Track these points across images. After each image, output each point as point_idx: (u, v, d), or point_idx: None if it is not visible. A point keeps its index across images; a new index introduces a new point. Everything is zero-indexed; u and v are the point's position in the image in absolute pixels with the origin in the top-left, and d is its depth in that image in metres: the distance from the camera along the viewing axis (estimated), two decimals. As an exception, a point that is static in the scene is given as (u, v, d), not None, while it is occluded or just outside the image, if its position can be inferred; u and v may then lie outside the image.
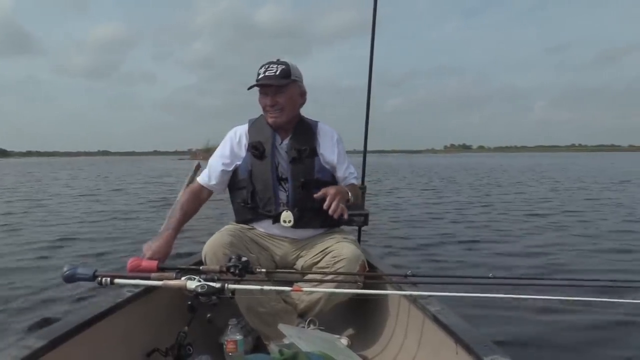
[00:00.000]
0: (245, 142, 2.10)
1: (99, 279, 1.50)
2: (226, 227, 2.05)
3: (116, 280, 1.50)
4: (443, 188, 14.08)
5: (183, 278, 1.47)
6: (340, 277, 1.86)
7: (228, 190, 2.17)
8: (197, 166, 2.53)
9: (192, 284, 1.43)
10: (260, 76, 2.00)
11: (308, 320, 1.94)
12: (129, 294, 1.63)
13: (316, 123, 2.18)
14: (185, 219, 2.03)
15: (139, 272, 1.62)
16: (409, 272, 1.67)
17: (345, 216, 1.92)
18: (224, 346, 1.85)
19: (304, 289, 1.69)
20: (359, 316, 2.16)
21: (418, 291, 1.68)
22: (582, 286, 1.85)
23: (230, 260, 1.58)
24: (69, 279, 1.52)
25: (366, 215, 2.67)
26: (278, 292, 1.92)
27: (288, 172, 2.03)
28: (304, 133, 2.11)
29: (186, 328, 1.53)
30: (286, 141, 2.08)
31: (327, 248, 1.98)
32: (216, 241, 1.91)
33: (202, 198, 2.12)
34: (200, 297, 1.42)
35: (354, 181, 2.18)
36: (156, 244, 1.89)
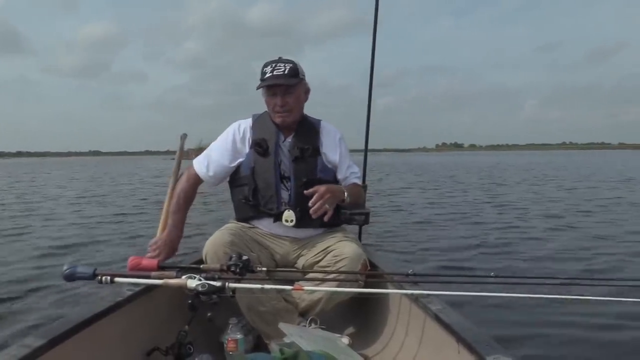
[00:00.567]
0: (248, 138, 2.08)
1: (99, 278, 1.49)
2: (227, 226, 2.04)
3: (116, 278, 1.49)
4: (446, 186, 13.97)
5: (183, 277, 1.47)
6: (341, 276, 1.86)
7: (229, 186, 2.16)
8: (184, 136, 2.51)
9: (193, 283, 1.42)
10: (267, 75, 1.98)
11: (309, 319, 1.93)
12: (129, 293, 1.63)
13: (319, 122, 2.17)
14: (187, 206, 2.09)
15: (139, 271, 1.61)
16: (411, 271, 1.66)
17: (325, 218, 1.90)
18: (225, 345, 1.85)
19: (305, 288, 1.69)
20: (360, 315, 2.15)
21: (419, 290, 1.67)
22: (584, 285, 1.84)
23: (231, 259, 1.58)
24: (69, 278, 1.51)
25: (367, 214, 2.65)
26: (279, 291, 1.91)
27: (290, 171, 2.02)
28: (307, 132, 2.10)
29: (187, 327, 1.53)
30: (289, 139, 2.07)
31: (329, 247, 1.97)
32: (217, 240, 1.90)
33: (197, 186, 2.14)
34: (200, 296, 1.42)
35: (356, 181, 2.17)
36: (165, 238, 1.98)
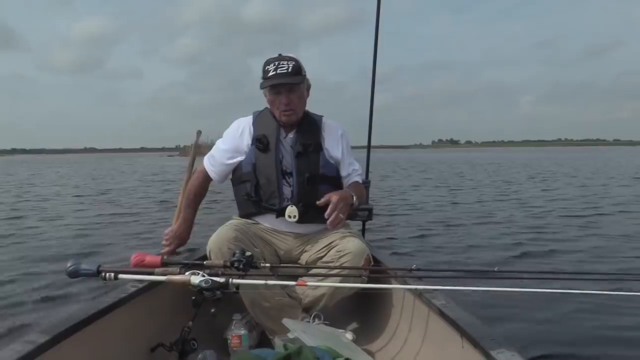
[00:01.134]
0: (249, 135, 2.09)
1: (103, 274, 1.49)
2: (230, 222, 2.04)
3: (120, 275, 1.50)
4: (458, 185, 13.73)
5: (187, 273, 1.47)
6: (345, 272, 1.85)
7: (231, 183, 2.17)
8: (199, 133, 2.57)
9: (196, 279, 1.43)
10: (270, 74, 1.97)
11: (313, 314, 1.93)
12: (133, 289, 1.63)
13: (321, 118, 2.17)
14: (197, 205, 2.21)
15: (143, 267, 1.62)
16: (414, 266, 1.66)
17: (340, 227, 1.94)
18: (229, 341, 1.85)
19: (309, 284, 1.69)
20: (364, 310, 2.15)
21: (423, 285, 1.67)
22: (589, 279, 1.84)
23: (234, 255, 1.57)
24: (73, 274, 1.52)
25: (370, 210, 2.66)
26: (282, 287, 1.91)
27: (293, 167, 2.02)
28: (309, 128, 2.10)
29: (190, 323, 1.53)
30: (291, 135, 2.07)
31: (332, 242, 1.97)
32: (220, 236, 1.90)
33: (209, 183, 2.22)
34: (204, 292, 1.42)
35: (358, 178, 2.16)
36: (176, 230, 2.14)
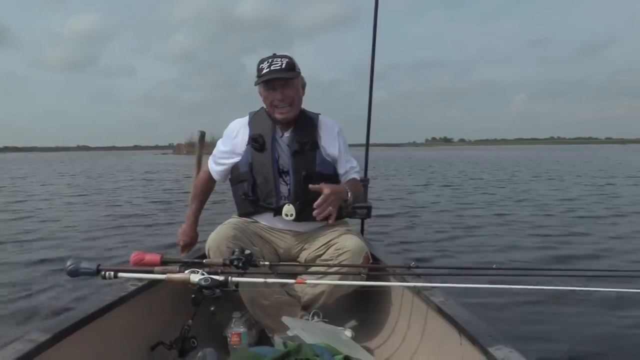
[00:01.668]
0: (245, 135, 2.10)
1: (103, 273, 1.50)
2: (229, 221, 2.04)
3: (120, 274, 1.50)
4: (465, 184, 13.50)
5: (187, 271, 1.47)
6: (343, 269, 1.86)
7: (230, 183, 2.17)
8: (202, 134, 2.59)
9: (196, 277, 1.43)
10: (264, 71, 1.98)
11: (312, 312, 1.94)
12: (133, 288, 1.63)
13: (317, 116, 2.17)
14: (202, 204, 2.33)
15: (143, 266, 1.62)
16: (413, 264, 1.67)
17: (330, 220, 1.89)
18: (228, 339, 1.86)
19: (308, 282, 1.69)
20: (363, 308, 2.16)
21: (422, 282, 1.67)
22: (586, 276, 1.84)
23: (233, 253, 1.58)
24: (73, 274, 1.52)
25: (369, 207, 2.66)
26: (282, 285, 1.91)
27: (289, 165, 2.03)
28: (306, 126, 2.10)
29: (190, 321, 1.54)
30: (287, 134, 2.07)
31: (331, 240, 1.98)
32: (219, 234, 1.91)
33: (212, 184, 2.30)
34: (204, 291, 1.43)
35: (355, 175, 2.16)
36: (184, 229, 2.28)
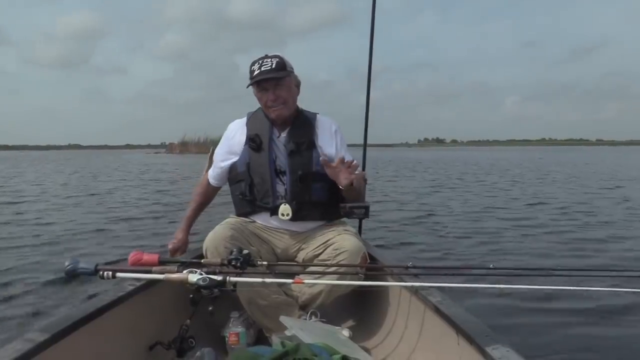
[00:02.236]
0: (242, 136, 2.11)
1: (101, 273, 1.50)
2: (227, 220, 2.05)
3: (118, 273, 1.51)
4: (464, 185, 13.21)
5: (185, 271, 1.48)
6: (341, 269, 1.87)
7: (228, 183, 2.18)
8: (213, 152, 2.57)
9: (194, 277, 1.44)
10: (255, 72, 1.99)
11: (309, 312, 1.94)
12: (131, 288, 1.63)
13: (315, 115, 2.17)
14: (196, 211, 2.29)
15: (141, 266, 1.62)
16: (410, 264, 1.67)
17: (343, 180, 1.91)
18: (226, 339, 1.86)
19: (306, 281, 1.70)
20: (361, 308, 2.16)
21: (419, 282, 1.68)
22: (583, 276, 1.85)
23: (231, 253, 1.59)
24: (71, 273, 1.52)
25: (367, 207, 2.66)
26: (279, 285, 1.92)
27: (286, 165, 2.03)
28: (303, 125, 2.11)
29: (188, 321, 1.54)
30: (284, 134, 2.08)
31: (329, 240, 1.98)
32: (217, 234, 1.91)
33: (210, 191, 2.29)
34: (202, 290, 1.43)
35: None
36: (177, 236, 2.20)
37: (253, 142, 2.06)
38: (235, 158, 2.10)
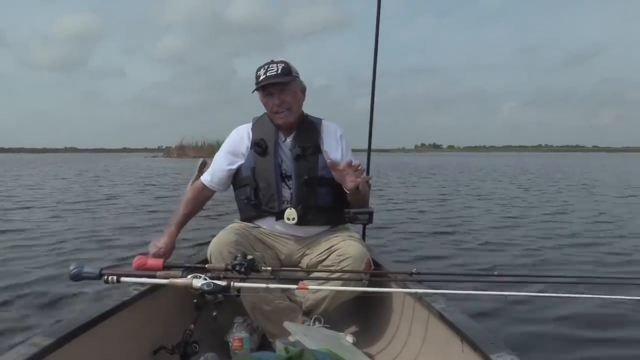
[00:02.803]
0: (248, 140, 2.11)
1: (105, 277, 1.50)
2: (231, 226, 2.05)
3: (122, 278, 1.51)
4: (479, 192, 12.83)
5: (189, 276, 1.48)
6: (345, 275, 1.86)
7: (232, 188, 2.18)
8: (203, 163, 2.54)
9: (198, 282, 1.44)
10: (261, 78, 1.99)
11: (313, 318, 1.94)
12: (135, 292, 1.64)
13: (320, 120, 2.18)
14: (187, 217, 2.15)
15: (145, 271, 1.63)
16: (414, 270, 1.67)
17: (349, 183, 1.92)
18: (230, 344, 1.86)
19: (310, 287, 1.70)
20: (365, 314, 2.16)
21: (423, 289, 1.67)
22: (589, 283, 1.84)
23: (235, 258, 1.59)
24: (76, 278, 1.53)
25: (371, 213, 2.65)
26: (283, 290, 1.92)
27: (292, 170, 2.04)
28: (308, 130, 2.11)
29: (192, 326, 1.54)
30: (290, 139, 2.08)
31: (333, 246, 1.98)
32: (221, 239, 1.91)
33: (205, 196, 2.19)
34: (206, 295, 1.43)
35: None
36: (160, 241, 2.03)
37: (259, 147, 2.06)
38: (240, 162, 2.10)
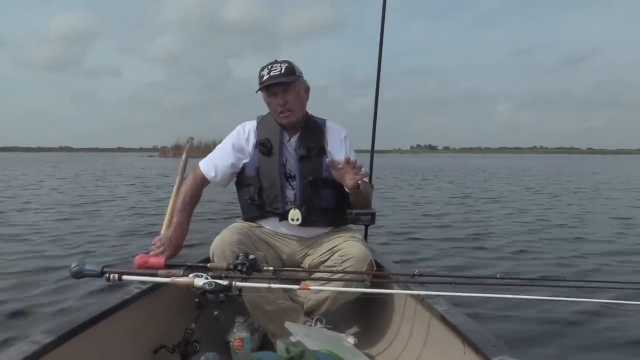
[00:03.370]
0: (253, 139, 2.10)
1: (107, 275, 1.50)
2: (234, 225, 2.05)
3: (124, 276, 1.51)
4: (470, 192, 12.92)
5: (191, 275, 1.47)
6: (347, 276, 1.86)
7: (235, 187, 2.18)
8: (190, 139, 2.55)
9: (200, 281, 1.43)
10: (265, 77, 1.99)
11: (315, 318, 1.93)
12: (137, 291, 1.64)
13: (324, 121, 2.18)
14: (192, 206, 2.07)
15: (147, 269, 1.62)
16: (417, 272, 1.66)
17: (349, 181, 1.89)
18: (231, 343, 1.86)
19: (311, 288, 1.69)
20: (366, 315, 2.15)
21: (425, 291, 1.67)
22: (591, 287, 1.83)
23: (237, 258, 1.58)
24: (77, 275, 1.52)
25: (373, 214, 2.66)
26: (285, 290, 1.91)
27: (296, 170, 2.03)
28: (313, 131, 2.11)
29: (193, 325, 1.54)
30: (294, 139, 2.08)
31: (335, 247, 1.98)
32: (224, 239, 1.91)
33: (203, 187, 2.13)
34: (207, 295, 1.43)
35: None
36: (169, 236, 1.94)
37: (263, 147, 2.05)
38: (243, 159, 2.10)
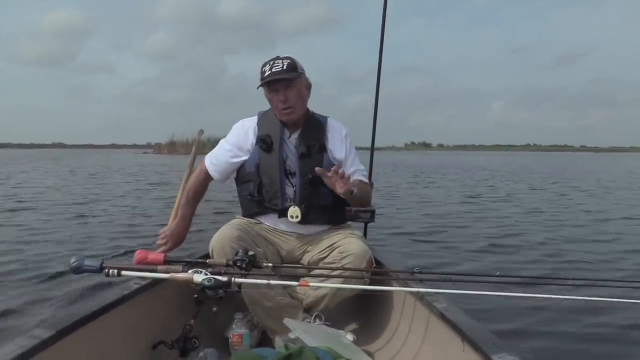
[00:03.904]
0: (254, 135, 2.10)
1: (106, 271, 1.50)
2: (233, 221, 2.05)
3: (123, 272, 1.51)
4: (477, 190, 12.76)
5: (190, 271, 1.48)
6: (346, 273, 1.86)
7: (235, 183, 2.18)
8: (201, 131, 2.56)
9: (199, 277, 1.43)
10: (266, 73, 1.99)
11: (314, 315, 1.93)
12: (136, 286, 1.64)
13: (326, 118, 2.17)
14: (196, 200, 2.19)
15: (146, 265, 1.62)
16: (416, 269, 1.66)
17: (339, 189, 1.87)
18: (230, 340, 1.86)
19: (311, 284, 1.69)
20: (365, 312, 2.15)
21: (425, 288, 1.67)
22: (590, 286, 1.84)
23: (237, 254, 1.58)
24: (77, 270, 1.53)
25: (373, 211, 2.66)
26: (284, 287, 1.91)
27: (296, 167, 2.03)
28: (314, 128, 2.11)
29: (192, 321, 1.54)
30: (295, 135, 2.08)
31: (334, 243, 1.98)
32: (223, 235, 1.91)
33: (206, 184, 2.21)
34: (206, 291, 1.43)
35: (362, 178, 2.16)
36: (174, 228, 2.10)
37: (264, 143, 2.05)
38: (244, 156, 2.09)
